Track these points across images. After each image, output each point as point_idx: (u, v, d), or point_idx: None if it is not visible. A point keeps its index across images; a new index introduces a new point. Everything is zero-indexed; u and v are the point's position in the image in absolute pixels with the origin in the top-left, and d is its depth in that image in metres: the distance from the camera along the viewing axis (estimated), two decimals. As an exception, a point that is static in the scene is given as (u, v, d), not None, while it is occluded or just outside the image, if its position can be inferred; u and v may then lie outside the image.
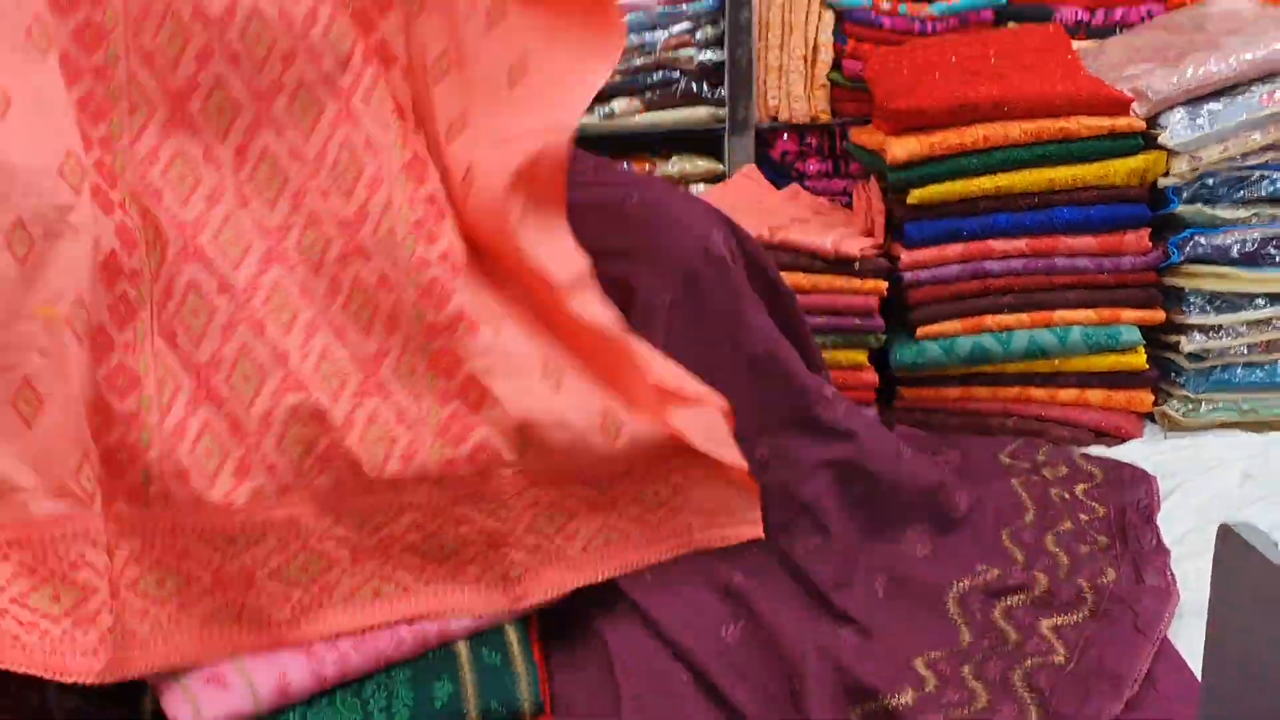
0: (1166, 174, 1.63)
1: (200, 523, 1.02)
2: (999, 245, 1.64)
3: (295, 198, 1.09)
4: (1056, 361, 1.65)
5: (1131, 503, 1.31)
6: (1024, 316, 1.64)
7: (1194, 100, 1.62)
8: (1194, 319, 1.62)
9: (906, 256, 1.66)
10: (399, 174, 1.11)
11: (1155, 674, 1.03)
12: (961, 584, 1.17)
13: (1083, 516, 1.27)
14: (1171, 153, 1.62)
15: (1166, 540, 1.24)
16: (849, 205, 1.98)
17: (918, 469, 1.25)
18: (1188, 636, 1.09)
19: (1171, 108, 1.62)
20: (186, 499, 1.00)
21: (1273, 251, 1.61)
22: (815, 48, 2.07)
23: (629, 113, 2.04)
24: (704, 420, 1.12)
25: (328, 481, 1.05)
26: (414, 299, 1.09)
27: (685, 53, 2.03)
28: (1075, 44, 1.88)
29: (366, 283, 1.09)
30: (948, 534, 1.23)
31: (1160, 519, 1.29)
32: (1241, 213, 1.63)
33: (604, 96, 2.01)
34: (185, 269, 1.04)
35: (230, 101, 1.07)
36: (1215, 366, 1.65)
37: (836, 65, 2.07)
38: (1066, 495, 1.32)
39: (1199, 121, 1.61)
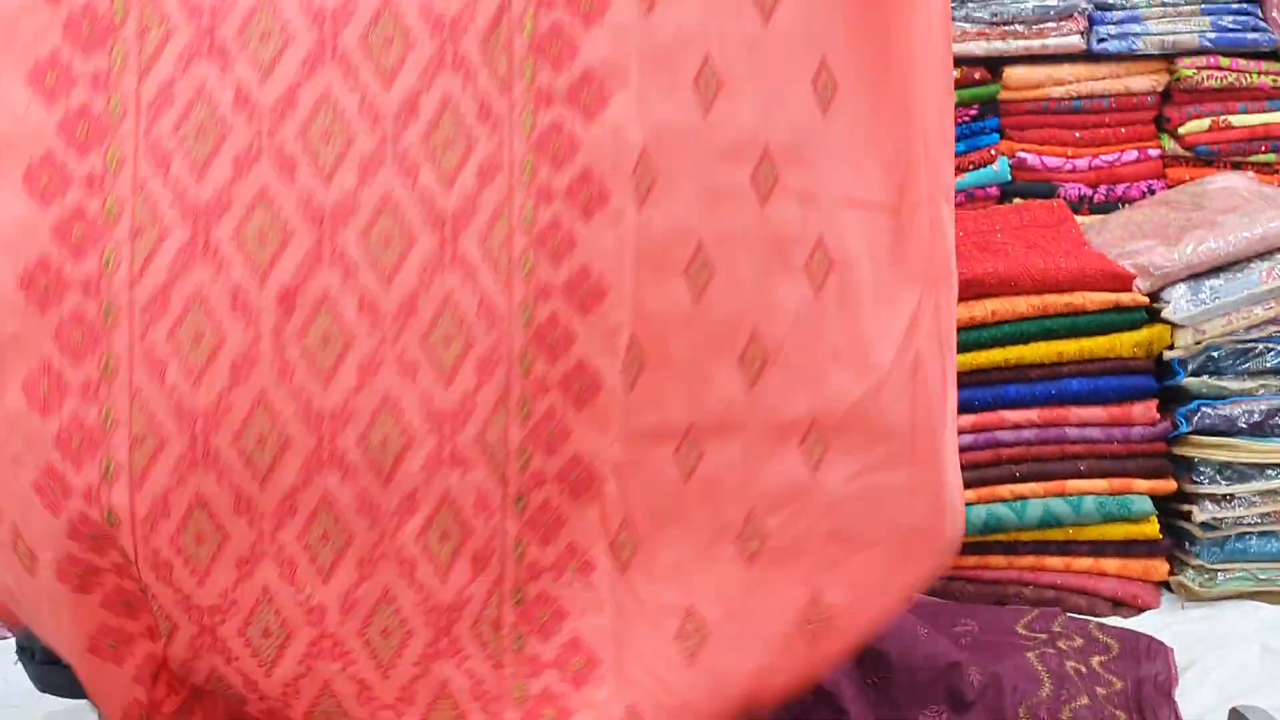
0: (1171, 346, 1.68)
1: None
2: (1011, 416, 1.68)
3: None
4: (1071, 530, 1.67)
5: (1149, 677, 1.31)
6: (1037, 486, 1.66)
7: (1196, 276, 1.68)
8: (1205, 488, 1.64)
9: (920, 425, 1.70)
10: None
11: None
12: (979, 762, 1.16)
13: (1100, 690, 1.27)
14: (1176, 326, 1.67)
15: (1185, 718, 1.24)
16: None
17: (934, 649, 1.26)
18: (1209, 819, 1.08)
19: (1174, 283, 1.68)
20: None
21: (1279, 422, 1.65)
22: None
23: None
24: None
25: None
26: None
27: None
28: (1078, 219, 1.96)
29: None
30: (962, 713, 1.23)
31: (1179, 695, 1.29)
32: (1248, 384, 1.67)
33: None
34: None
35: None
36: (1229, 536, 1.65)
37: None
38: (1083, 669, 1.32)
39: (1201, 296, 1.67)
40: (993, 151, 2.12)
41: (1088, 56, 2.09)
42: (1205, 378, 1.66)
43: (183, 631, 0.82)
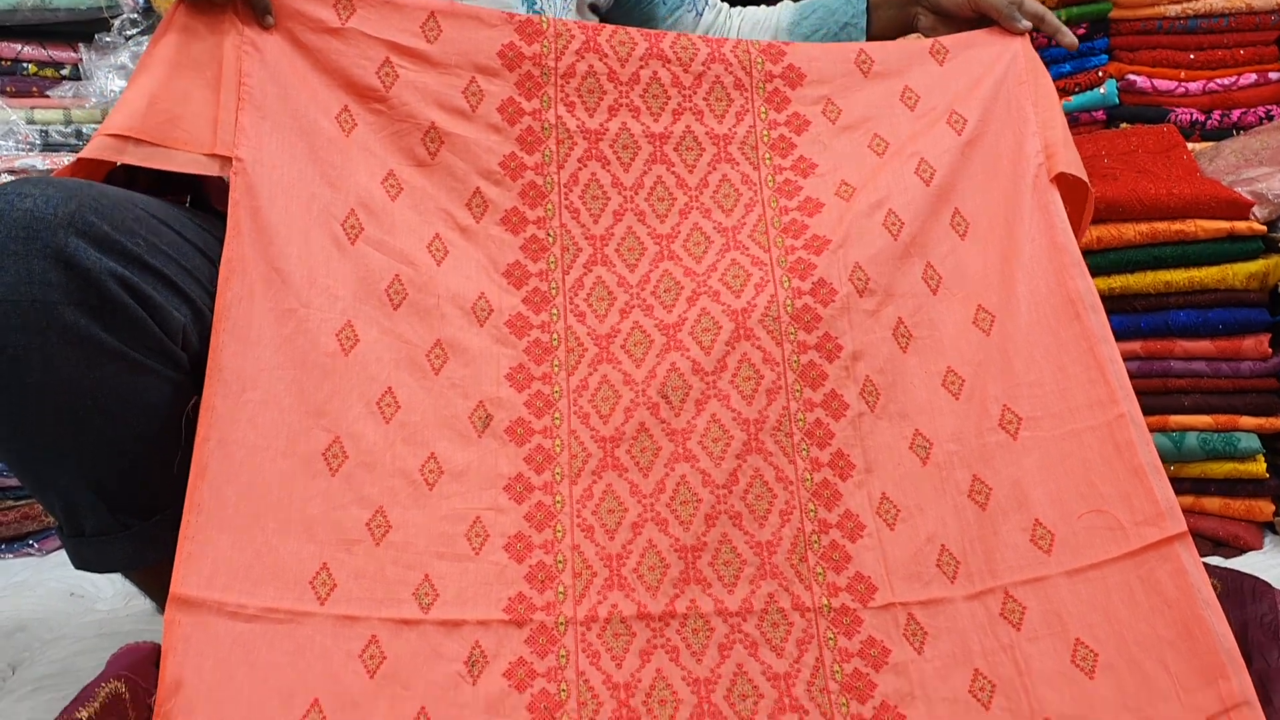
0: (1288, 278, 1.60)
1: None
2: (1112, 347, 1.61)
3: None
4: (1172, 468, 1.61)
5: (1255, 618, 1.25)
6: (1138, 420, 1.61)
7: (1316, 205, 1.60)
8: (1317, 427, 1.58)
9: (1017, 356, 1.64)
10: None
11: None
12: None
13: (1211, 588, 1.22)
14: (1293, 258, 1.59)
15: (1293, 659, 1.19)
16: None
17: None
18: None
19: (1293, 212, 1.60)
20: None
21: (1400, 360, 1.57)
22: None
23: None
24: None
25: None
26: None
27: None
28: (1190, 146, 1.87)
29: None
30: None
31: (1286, 636, 1.24)
32: (1367, 319, 1.59)
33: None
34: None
35: None
36: (1339, 477, 1.59)
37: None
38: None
39: (1321, 226, 1.58)
40: (1100, 73, 2.03)
41: (1207, -29, 1.99)
42: (1322, 312, 1.58)
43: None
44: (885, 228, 1.21)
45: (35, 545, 1.88)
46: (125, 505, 1.05)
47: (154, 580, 1.14)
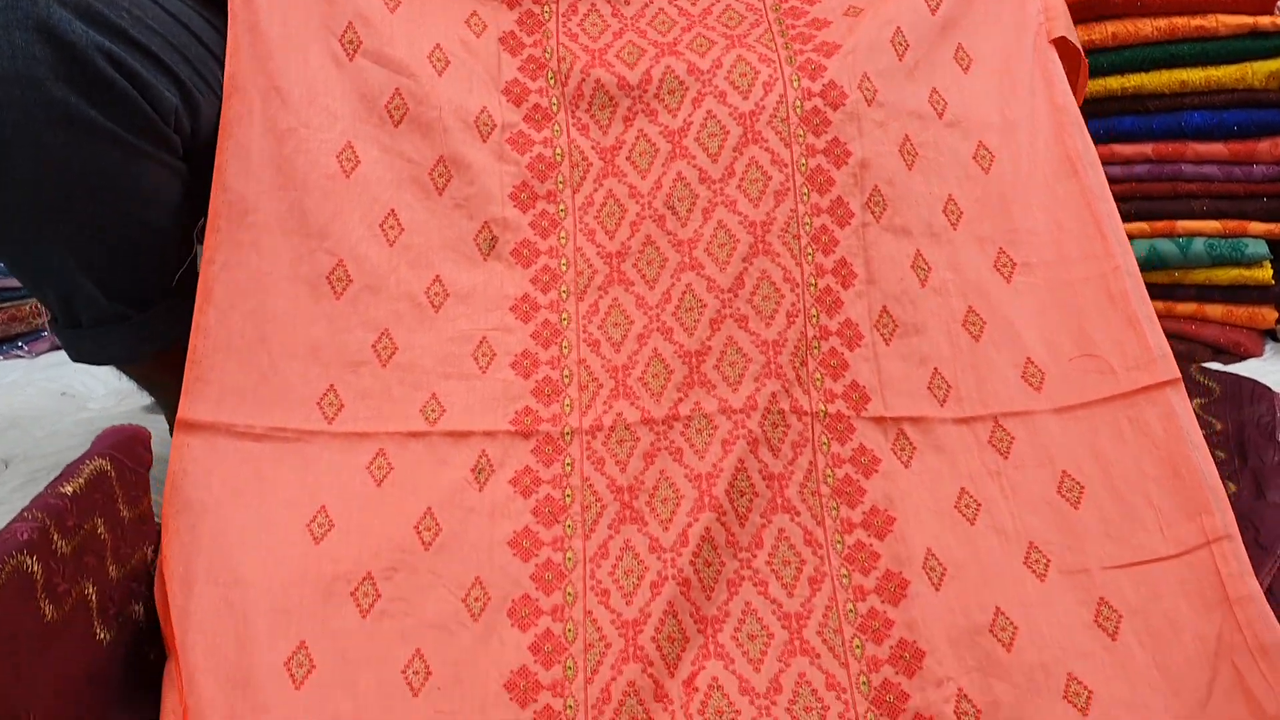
0: (1309, 78, 1.54)
1: None
2: (1122, 150, 1.57)
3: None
4: (1176, 273, 1.59)
5: (1252, 419, 1.26)
6: (1144, 225, 1.58)
7: (1344, -2, 1.52)
8: (1326, 232, 1.55)
9: (1023, 159, 1.60)
10: None
11: (1276, 590, 1.00)
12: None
13: (1200, 432, 1.23)
14: (1316, 55, 1.52)
15: (1289, 459, 1.20)
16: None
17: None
18: (1308, 556, 1.06)
19: (1319, 6, 1.53)
20: None
21: None
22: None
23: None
24: None
25: None
26: None
27: None
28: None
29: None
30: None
31: (1282, 438, 1.24)
32: (1386, 122, 1.54)
33: None
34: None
35: None
36: (1345, 283, 1.57)
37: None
38: (1183, 409, 1.27)
39: (1348, 22, 1.51)
40: None
41: None
42: (1342, 112, 1.53)
43: None
44: (892, 45, 1.18)
45: (24, 348, 1.88)
46: (122, 295, 1.04)
47: (149, 376, 1.14)
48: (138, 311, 1.06)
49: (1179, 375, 1.11)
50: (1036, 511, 1.07)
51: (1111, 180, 1.56)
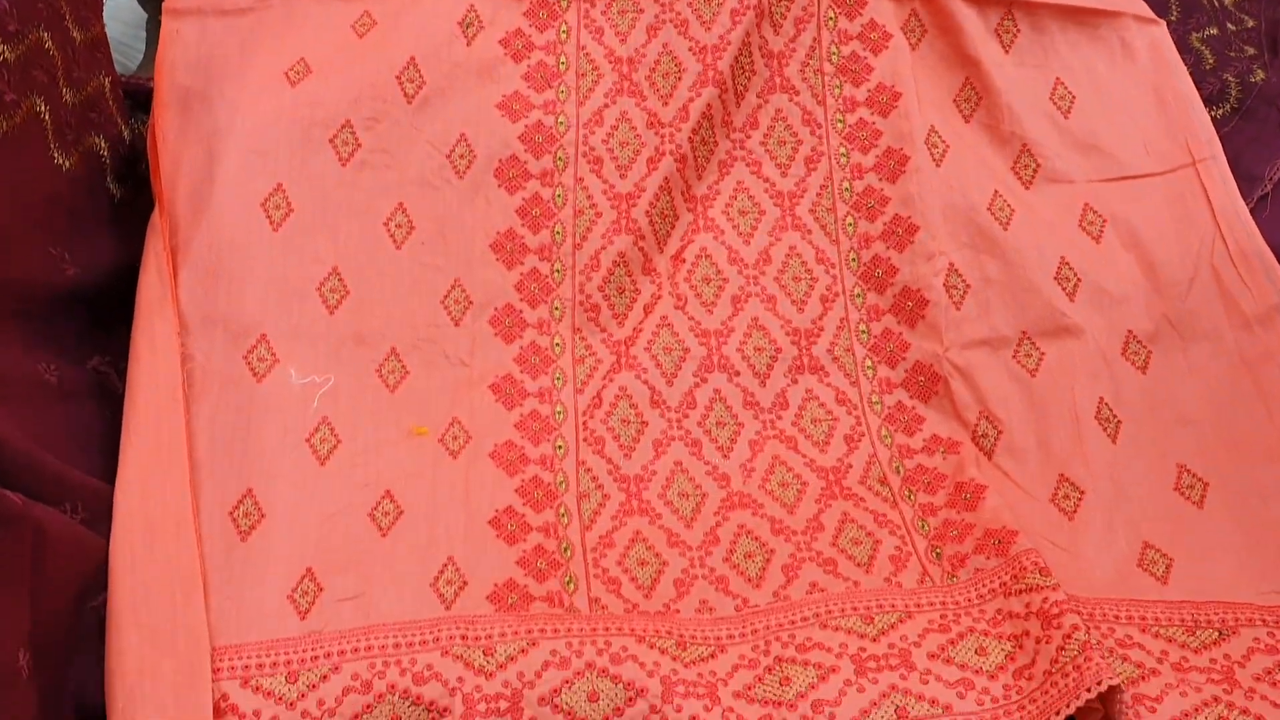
0: None
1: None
2: None
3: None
4: None
5: (1284, 16, 1.19)
6: None
7: None
8: None
9: None
10: None
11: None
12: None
13: (1230, 26, 1.16)
14: None
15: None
16: None
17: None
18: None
19: None
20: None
21: None
22: None
23: None
24: None
25: None
26: None
27: None
28: None
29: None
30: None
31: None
32: None
33: None
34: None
35: None
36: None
37: None
38: (1216, 2, 1.20)
39: None
40: None
41: None
42: None
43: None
44: None
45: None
46: None
47: None
48: None
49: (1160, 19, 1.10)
50: (1032, 117, 1.03)
51: None
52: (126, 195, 0.86)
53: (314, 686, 0.71)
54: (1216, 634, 0.81)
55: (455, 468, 0.87)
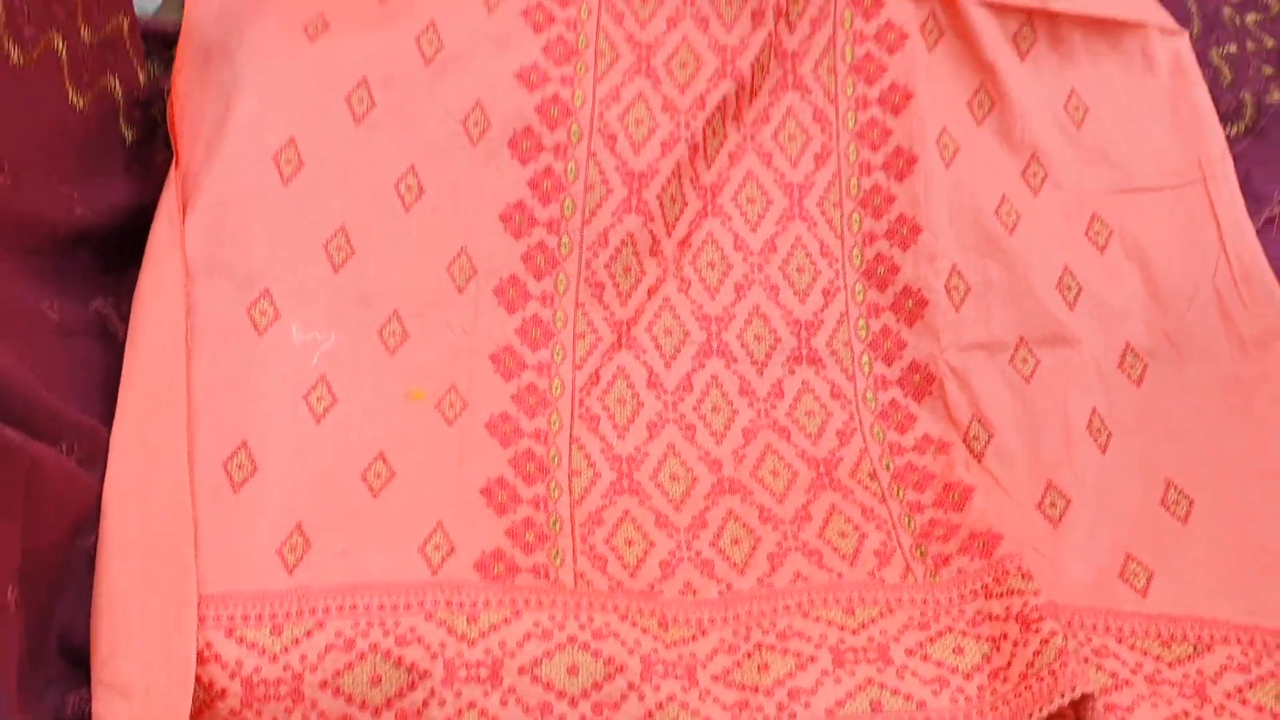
0: None
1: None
2: None
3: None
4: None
5: (1305, 40, 1.20)
6: None
7: None
8: None
9: None
10: None
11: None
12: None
13: (1250, 45, 1.17)
14: None
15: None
16: None
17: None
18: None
19: None
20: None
21: None
22: None
23: None
24: None
25: None
26: None
27: None
28: None
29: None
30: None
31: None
32: None
33: None
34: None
35: None
36: None
37: None
38: (1238, 20, 1.20)
39: None
40: None
41: None
42: None
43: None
44: None
45: None
46: None
47: None
48: None
49: (1184, 29, 1.09)
50: (1043, 125, 1.04)
51: None
52: (138, 139, 0.86)
53: (297, 641, 0.72)
54: (1191, 649, 0.83)
55: (450, 435, 0.87)
